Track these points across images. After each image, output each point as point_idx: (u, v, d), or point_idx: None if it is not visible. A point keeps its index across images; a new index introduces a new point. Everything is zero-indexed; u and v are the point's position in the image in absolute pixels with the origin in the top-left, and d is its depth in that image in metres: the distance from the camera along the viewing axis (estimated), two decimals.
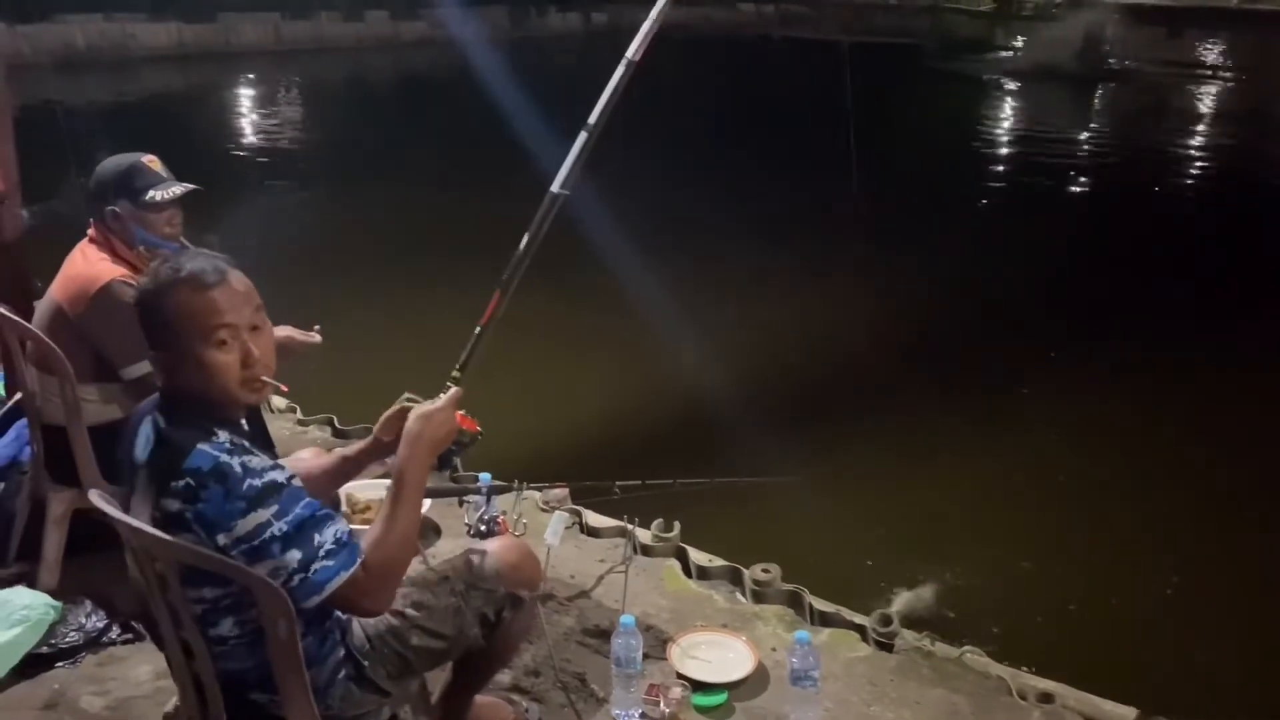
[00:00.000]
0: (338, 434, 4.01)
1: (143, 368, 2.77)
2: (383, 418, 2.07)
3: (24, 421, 3.02)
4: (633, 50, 2.64)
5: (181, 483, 1.69)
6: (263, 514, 1.69)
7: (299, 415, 4.19)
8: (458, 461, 2.04)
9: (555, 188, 2.62)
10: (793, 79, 17.44)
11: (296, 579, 1.71)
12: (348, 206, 9.38)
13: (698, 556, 3.24)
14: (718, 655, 2.71)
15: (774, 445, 4.41)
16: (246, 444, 1.78)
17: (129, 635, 2.72)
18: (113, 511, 1.77)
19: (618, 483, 3.26)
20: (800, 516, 3.92)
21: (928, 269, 7.58)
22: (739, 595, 3.09)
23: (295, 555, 1.71)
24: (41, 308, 2.93)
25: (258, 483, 1.70)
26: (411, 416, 1.92)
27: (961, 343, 6.21)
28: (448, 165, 10.94)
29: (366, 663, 1.99)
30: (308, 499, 1.77)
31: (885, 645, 2.84)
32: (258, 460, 1.74)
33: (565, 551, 3.17)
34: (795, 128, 12.24)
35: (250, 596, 1.76)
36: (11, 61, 3.88)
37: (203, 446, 1.70)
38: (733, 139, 12.73)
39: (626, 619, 2.50)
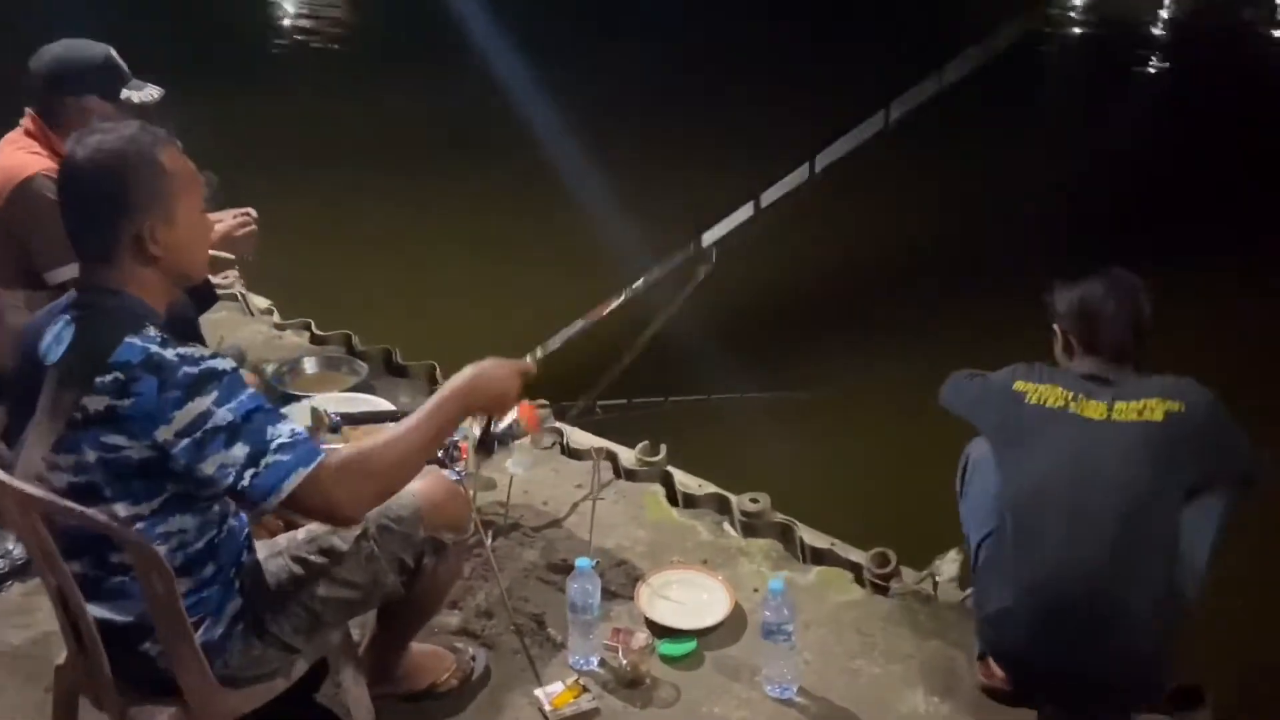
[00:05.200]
0: (316, 340, 3.78)
1: (70, 271, 2.55)
2: None
3: None
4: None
5: (109, 377, 1.51)
6: (202, 402, 1.52)
7: (276, 318, 3.97)
8: (495, 444, 1.91)
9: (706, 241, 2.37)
10: None
11: (248, 475, 1.53)
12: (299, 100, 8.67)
13: (685, 481, 2.98)
14: (691, 596, 2.47)
15: (773, 362, 4.07)
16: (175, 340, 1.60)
17: None
18: None
19: (600, 402, 3.02)
20: (799, 440, 3.62)
21: (952, 165, 6.83)
22: (726, 526, 2.83)
23: (243, 450, 1.53)
24: None
25: (194, 370, 1.53)
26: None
27: (985, 249, 5.53)
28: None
29: (268, 614, 1.78)
30: (254, 391, 1.59)
31: (881, 588, 2.57)
32: (193, 350, 1.56)
33: (540, 475, 2.93)
34: None
35: (173, 510, 1.61)
36: None
37: (131, 339, 1.54)
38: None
39: (583, 562, 2.26)
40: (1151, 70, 10.43)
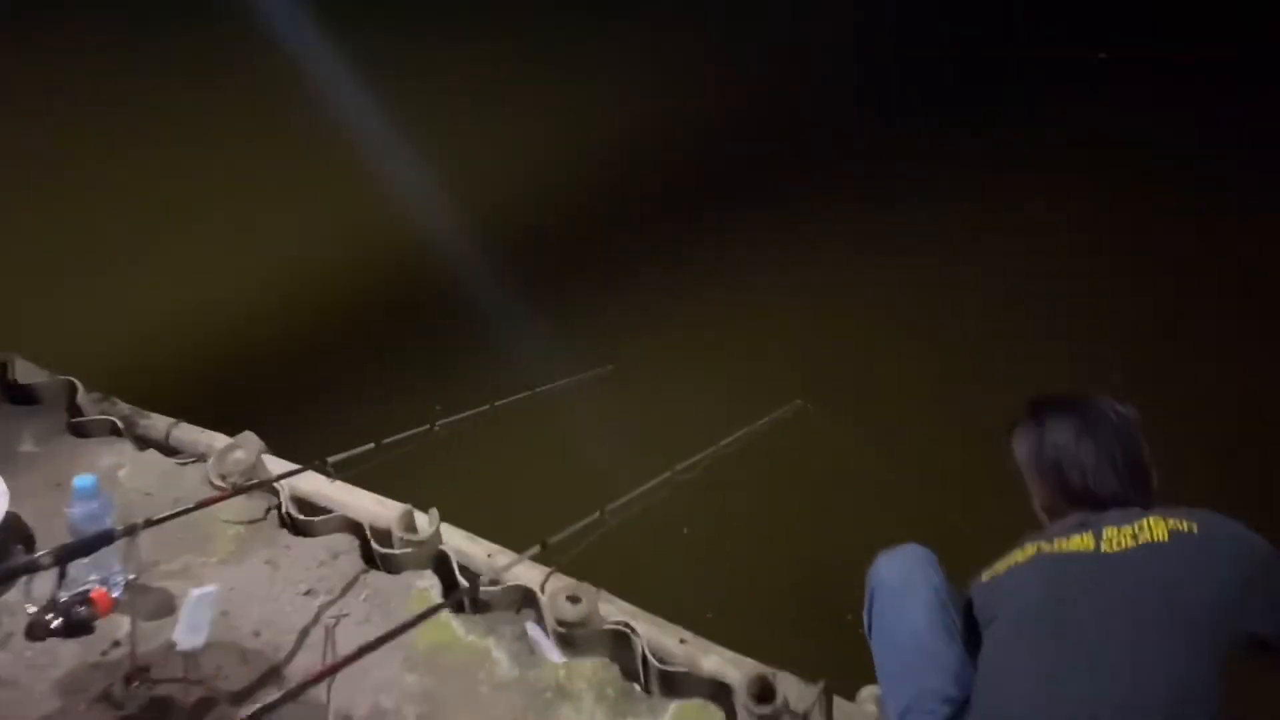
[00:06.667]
0: None
1: None
2: None
3: None
4: None
5: None
6: None
7: None
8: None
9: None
10: None
11: None
12: None
13: (469, 555, 2.07)
14: None
15: (560, 340, 3.09)
16: None
17: None
18: None
19: (330, 459, 2.03)
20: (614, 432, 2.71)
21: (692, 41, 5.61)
22: (534, 633, 1.96)
23: None
24: None
25: None
26: None
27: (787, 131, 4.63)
28: None
29: None
30: None
31: None
32: None
33: (249, 574, 1.92)
34: None
35: None
36: None
37: None
38: None
39: None
40: None
